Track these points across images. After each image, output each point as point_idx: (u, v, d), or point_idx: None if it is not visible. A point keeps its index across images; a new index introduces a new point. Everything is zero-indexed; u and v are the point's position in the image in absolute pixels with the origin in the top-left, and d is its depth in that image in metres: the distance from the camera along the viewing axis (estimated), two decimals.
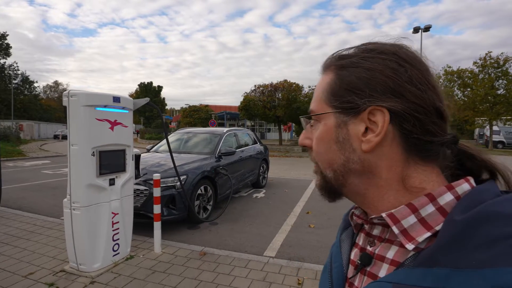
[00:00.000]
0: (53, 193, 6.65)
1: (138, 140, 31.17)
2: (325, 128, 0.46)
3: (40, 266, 3.07)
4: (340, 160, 0.45)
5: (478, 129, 28.07)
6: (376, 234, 0.46)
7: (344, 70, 0.45)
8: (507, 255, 0.31)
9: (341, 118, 0.44)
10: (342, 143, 0.45)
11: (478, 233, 0.33)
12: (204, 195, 4.70)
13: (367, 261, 0.45)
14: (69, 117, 2.82)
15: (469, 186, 0.41)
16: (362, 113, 0.42)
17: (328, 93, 0.46)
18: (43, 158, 14.51)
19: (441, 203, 0.39)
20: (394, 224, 0.41)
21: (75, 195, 2.83)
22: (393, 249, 0.42)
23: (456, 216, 0.36)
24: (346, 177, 0.45)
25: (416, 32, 26.44)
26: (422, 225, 0.39)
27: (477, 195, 0.38)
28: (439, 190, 0.40)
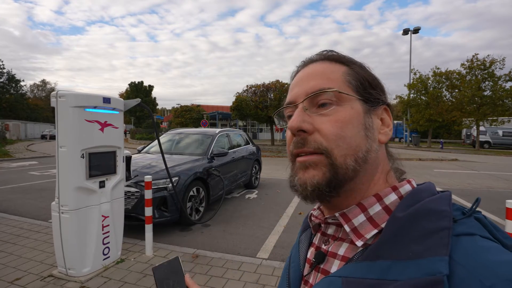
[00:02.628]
0: (40, 195, 6.50)
1: (129, 140, 30.74)
2: (353, 112, 0.44)
3: (27, 271, 2.98)
4: (365, 147, 0.44)
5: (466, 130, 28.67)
6: (331, 233, 0.49)
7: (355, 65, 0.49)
8: (436, 246, 0.35)
9: (367, 107, 0.46)
10: (369, 130, 0.46)
11: (415, 228, 0.37)
12: (197, 197, 4.66)
13: (321, 258, 0.48)
14: (57, 118, 2.75)
15: (410, 187, 0.46)
16: (380, 108, 0.48)
17: (353, 80, 0.46)
18: (30, 159, 14.16)
19: (387, 202, 0.44)
20: (346, 223, 0.44)
21: (64, 198, 2.76)
22: (344, 246, 0.45)
23: (397, 213, 0.40)
24: (361, 167, 0.44)
25: (405, 34, 26.91)
26: (370, 223, 0.43)
27: (416, 195, 0.42)
28: (385, 191, 0.45)
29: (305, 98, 0.46)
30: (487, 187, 7.79)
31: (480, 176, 9.83)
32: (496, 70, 21.43)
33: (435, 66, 24.66)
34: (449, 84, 23.67)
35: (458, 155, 17.99)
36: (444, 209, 0.39)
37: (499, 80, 21.29)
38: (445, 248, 0.34)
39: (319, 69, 0.48)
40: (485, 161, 14.96)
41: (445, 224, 0.37)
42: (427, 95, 24.29)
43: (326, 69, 0.47)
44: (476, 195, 6.83)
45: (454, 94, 23.86)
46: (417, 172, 10.52)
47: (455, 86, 23.41)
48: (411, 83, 25.25)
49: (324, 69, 0.48)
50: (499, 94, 20.93)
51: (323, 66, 0.48)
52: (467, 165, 12.84)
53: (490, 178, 9.39)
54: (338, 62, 0.48)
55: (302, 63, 0.52)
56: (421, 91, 24.92)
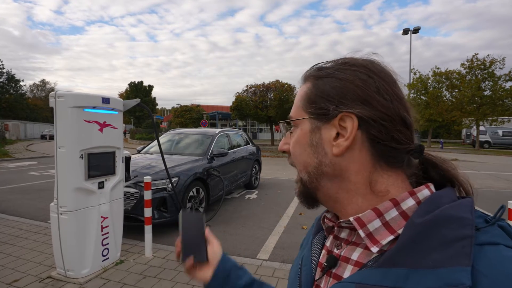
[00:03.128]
0: (40, 195, 6.47)
1: (128, 140, 30.72)
2: (301, 133, 0.49)
3: (25, 272, 2.96)
4: (313, 163, 0.47)
5: (466, 129, 28.70)
6: (344, 237, 0.48)
7: (320, 80, 0.48)
8: (459, 256, 0.34)
9: (315, 124, 0.47)
10: (315, 147, 0.47)
11: (435, 235, 0.36)
12: (196, 197, 4.64)
13: (333, 263, 0.47)
14: (56, 119, 2.73)
15: (429, 192, 0.44)
16: (334, 119, 0.45)
17: (305, 100, 0.49)
18: (29, 159, 14.14)
19: (404, 207, 0.42)
20: (361, 228, 0.43)
21: (63, 199, 2.74)
22: (357, 251, 0.44)
23: (416, 219, 0.39)
24: (319, 180, 0.47)
25: (405, 33, 26.88)
26: (386, 228, 0.42)
27: (436, 200, 0.41)
28: (402, 196, 0.43)
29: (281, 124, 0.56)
30: (487, 187, 7.77)
31: (480, 176, 9.82)
32: (496, 70, 21.47)
33: (435, 66, 24.70)
34: (449, 84, 23.67)
35: (458, 155, 17.98)
36: (466, 216, 0.37)
37: (499, 80, 21.30)
38: (467, 258, 0.33)
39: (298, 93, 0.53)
40: (485, 161, 14.95)
41: (467, 232, 0.35)
42: (427, 95, 24.29)
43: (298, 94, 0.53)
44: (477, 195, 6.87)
45: (454, 94, 23.87)
46: None
47: (455, 86, 23.41)
48: (411, 83, 25.23)
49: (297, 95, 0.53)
50: (499, 94, 20.94)
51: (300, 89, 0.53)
52: (467, 165, 12.83)
53: (490, 178, 9.38)
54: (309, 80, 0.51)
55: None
56: (421, 91, 24.92)
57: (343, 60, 0.49)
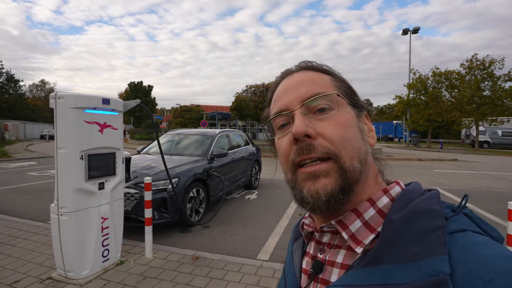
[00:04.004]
0: (39, 196, 6.47)
1: (128, 140, 30.69)
2: (349, 116, 0.46)
3: (25, 273, 2.96)
4: (363, 149, 0.45)
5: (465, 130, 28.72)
6: (326, 241, 0.48)
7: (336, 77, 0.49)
8: (435, 246, 0.35)
9: (357, 112, 0.48)
10: (363, 133, 0.47)
11: (411, 229, 0.38)
12: (196, 198, 4.64)
13: (319, 268, 0.47)
14: (56, 120, 2.73)
15: (399, 188, 0.46)
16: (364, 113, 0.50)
17: (339, 88, 0.48)
18: (29, 160, 14.11)
19: (380, 206, 0.44)
20: (344, 230, 0.43)
21: (63, 200, 2.74)
22: (341, 253, 0.45)
23: (392, 216, 0.40)
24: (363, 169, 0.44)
25: (405, 34, 26.92)
26: (366, 228, 0.43)
27: (407, 196, 0.43)
28: (377, 195, 0.45)
29: (303, 103, 0.45)
30: (486, 187, 7.78)
31: (479, 176, 9.83)
32: (496, 70, 21.46)
33: (435, 66, 24.67)
34: (449, 84, 23.68)
35: (458, 155, 17.99)
36: (435, 208, 0.39)
37: (498, 80, 21.31)
38: (443, 247, 0.35)
39: (306, 77, 0.48)
40: (484, 161, 14.97)
41: (439, 223, 0.37)
42: (426, 95, 24.29)
43: (314, 76, 0.48)
44: (476, 195, 6.82)
45: (453, 94, 23.88)
46: (417, 172, 10.52)
47: (454, 86, 23.43)
48: (411, 83, 25.25)
49: (311, 76, 0.48)
50: (499, 94, 20.94)
51: (308, 74, 0.48)
52: (466, 165, 12.84)
53: (489, 178, 9.39)
54: (320, 71, 0.49)
55: (282, 74, 0.53)
56: (420, 91, 24.92)
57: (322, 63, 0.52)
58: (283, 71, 0.53)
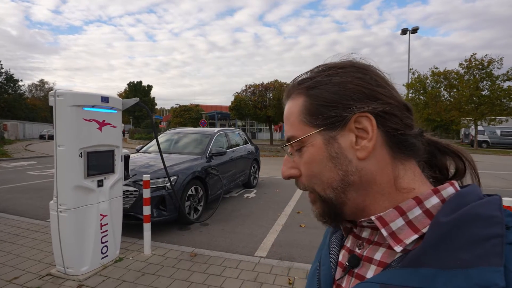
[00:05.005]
0: (39, 194, 6.49)
1: (128, 140, 30.70)
2: (314, 149, 0.46)
3: (25, 270, 2.99)
4: (338, 176, 0.44)
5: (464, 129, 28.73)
6: (365, 237, 0.47)
7: (314, 89, 0.46)
8: (489, 255, 0.32)
9: (329, 134, 0.45)
10: (336, 158, 0.44)
11: (462, 234, 0.35)
12: (195, 196, 4.67)
13: (355, 263, 0.46)
14: (55, 118, 2.76)
15: (453, 189, 0.42)
16: (349, 124, 0.44)
17: (306, 114, 0.46)
18: (28, 159, 14.13)
19: (428, 206, 0.41)
20: (383, 227, 0.42)
21: (62, 197, 2.77)
22: (381, 250, 0.43)
23: (442, 218, 0.38)
24: (346, 192, 0.45)
25: (404, 33, 26.92)
26: (409, 227, 0.40)
27: (462, 198, 0.40)
28: (426, 194, 0.42)
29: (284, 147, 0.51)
30: (485, 186, 7.74)
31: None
32: (494, 69, 21.49)
33: (433, 65, 24.71)
34: (447, 83, 23.72)
35: None
36: (495, 214, 0.36)
37: (497, 79, 21.35)
38: (499, 258, 0.32)
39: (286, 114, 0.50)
40: (483, 160, 15.00)
41: (498, 231, 0.34)
42: (425, 94, 24.35)
43: (289, 111, 0.49)
44: None
45: (452, 94, 23.92)
46: None
47: (453, 85, 23.46)
48: (410, 83, 25.29)
49: (288, 112, 0.50)
50: (497, 93, 20.99)
51: (289, 106, 0.50)
52: None
53: (488, 177, 9.43)
54: (299, 93, 0.48)
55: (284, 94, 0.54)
56: (419, 90, 24.97)
57: (327, 66, 0.48)
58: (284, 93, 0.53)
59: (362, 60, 0.48)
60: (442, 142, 0.51)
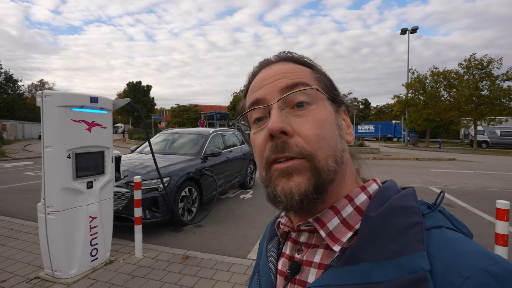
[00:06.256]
0: (33, 195, 6.44)
1: (127, 140, 30.65)
2: (327, 112, 0.44)
3: (13, 273, 2.95)
4: (340, 147, 0.43)
5: (464, 129, 28.70)
6: (303, 241, 0.46)
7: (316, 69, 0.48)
8: (413, 242, 0.35)
9: (334, 107, 0.45)
10: (341, 129, 0.45)
11: (390, 226, 0.37)
12: (189, 197, 4.62)
13: (296, 269, 0.45)
14: (43, 118, 2.71)
15: (376, 185, 0.46)
16: (342, 109, 0.48)
17: (318, 80, 0.46)
18: (26, 159, 14.07)
19: (357, 203, 0.43)
20: (321, 228, 0.42)
21: (50, 199, 2.72)
22: (319, 252, 0.43)
23: (370, 213, 0.40)
24: (340, 168, 0.42)
25: (403, 33, 26.89)
26: (344, 225, 0.41)
27: (385, 193, 0.42)
28: (355, 192, 0.44)
29: (281, 97, 0.42)
30: (482, 187, 7.77)
31: (476, 175, 9.82)
32: (494, 69, 21.44)
33: (433, 65, 24.68)
34: (447, 83, 23.68)
35: (456, 154, 17.99)
36: (412, 204, 0.39)
37: (496, 79, 21.30)
38: (421, 243, 0.35)
39: (286, 68, 0.45)
40: (482, 160, 14.96)
41: (417, 219, 0.37)
42: (425, 94, 24.30)
43: (294, 68, 0.45)
44: (472, 195, 6.78)
45: (452, 94, 23.88)
46: (413, 171, 10.50)
47: (452, 85, 23.42)
48: (409, 83, 25.25)
49: (291, 68, 0.45)
50: (497, 93, 20.94)
51: (288, 65, 0.46)
52: (464, 165, 12.84)
53: (486, 177, 9.38)
54: (300, 64, 0.47)
55: (260, 64, 0.49)
56: (419, 90, 24.92)
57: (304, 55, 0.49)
58: (262, 61, 0.49)
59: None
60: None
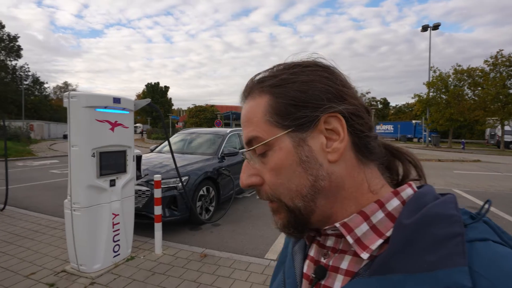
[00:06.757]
0: (59, 192, 6.73)
1: (145, 140, 31.44)
2: (282, 153, 0.41)
3: (42, 266, 3.09)
4: (308, 182, 0.41)
5: (489, 129, 27.48)
6: (330, 245, 0.45)
7: (280, 88, 0.42)
8: (453, 255, 0.32)
9: (298, 136, 0.41)
10: (307, 162, 0.41)
11: (426, 236, 0.34)
12: (206, 196, 4.68)
13: (321, 274, 0.43)
14: (69, 118, 2.83)
15: (412, 190, 0.42)
16: (319, 125, 0.41)
17: (273, 114, 0.42)
18: (51, 158, 14.74)
19: (389, 208, 0.40)
20: (348, 234, 0.40)
21: (76, 196, 2.84)
22: (346, 259, 0.42)
23: (404, 220, 0.37)
24: (315, 200, 0.41)
25: (425, 30, 26.06)
26: (374, 232, 0.39)
27: (420, 199, 0.39)
28: (387, 196, 0.41)
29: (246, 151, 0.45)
30: (510, 190, 7.40)
31: (504, 178, 9.37)
32: None
33: (456, 63, 23.78)
34: (472, 82, 22.75)
35: (481, 156, 17.24)
36: (452, 213, 0.36)
37: None
38: (462, 257, 0.32)
39: (246, 111, 0.45)
40: (510, 162, 14.25)
41: (457, 229, 0.34)
42: (447, 93, 23.44)
43: (251, 110, 0.45)
44: (499, 198, 6.48)
45: (476, 93, 22.93)
46: (435, 173, 10.15)
47: (478, 83, 22.48)
48: (431, 81, 24.43)
49: (249, 112, 0.45)
50: None
51: (250, 105, 0.45)
52: (490, 167, 12.27)
53: None
54: (262, 91, 0.44)
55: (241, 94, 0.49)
56: (441, 89, 24.08)
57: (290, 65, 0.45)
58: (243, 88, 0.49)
59: (323, 60, 0.46)
60: (393, 145, 0.50)
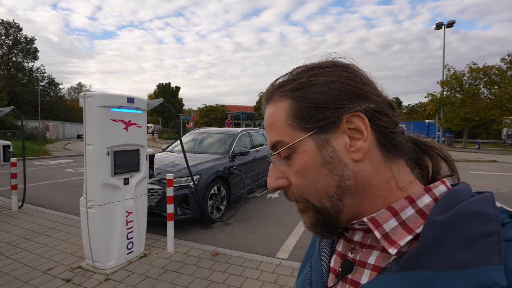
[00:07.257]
0: (74, 191, 6.90)
1: (157, 140, 31.87)
2: (306, 155, 0.43)
3: (58, 262, 3.17)
4: (334, 182, 0.42)
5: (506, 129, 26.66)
6: (357, 240, 0.45)
7: (300, 91, 0.44)
8: (487, 254, 0.31)
9: (321, 138, 0.42)
10: (331, 163, 0.42)
11: (458, 233, 0.34)
12: (218, 195, 4.71)
13: (348, 268, 0.44)
14: (85, 118, 2.90)
15: (445, 187, 0.41)
16: (341, 125, 0.42)
17: (294, 118, 0.43)
18: (66, 157, 15.12)
19: (420, 205, 0.40)
20: (376, 229, 0.40)
21: (91, 194, 2.90)
22: (374, 254, 0.42)
23: (435, 217, 0.36)
24: (343, 199, 0.42)
25: (438, 28, 25.49)
26: (403, 228, 0.39)
27: (455, 196, 0.39)
28: (418, 193, 0.41)
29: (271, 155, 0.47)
30: None
31: None
32: None
33: (472, 61, 23.18)
34: (488, 80, 22.12)
35: (497, 156, 16.75)
36: (489, 211, 0.35)
37: None
38: (498, 256, 0.31)
39: (269, 116, 0.47)
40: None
41: (494, 228, 0.33)
42: (462, 92, 22.86)
43: (273, 115, 0.46)
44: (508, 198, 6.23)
45: (493, 91, 22.28)
46: None
47: (494, 82, 21.84)
48: (445, 80, 23.87)
49: (271, 117, 0.46)
50: None
51: (272, 110, 0.47)
52: (507, 167, 11.91)
53: None
54: (283, 96, 0.45)
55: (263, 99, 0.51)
56: (455, 88, 23.50)
57: (309, 67, 0.45)
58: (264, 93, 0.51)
59: (342, 59, 0.46)
60: (422, 139, 0.49)
